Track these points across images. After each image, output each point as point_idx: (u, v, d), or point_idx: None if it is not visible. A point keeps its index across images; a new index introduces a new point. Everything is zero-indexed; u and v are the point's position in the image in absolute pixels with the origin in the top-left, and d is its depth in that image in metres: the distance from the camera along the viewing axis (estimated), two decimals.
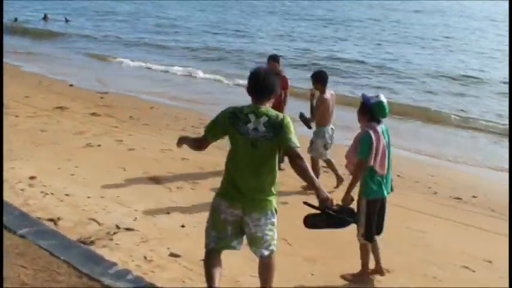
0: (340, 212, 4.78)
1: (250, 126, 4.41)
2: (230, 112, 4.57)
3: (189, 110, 14.79)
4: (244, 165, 4.49)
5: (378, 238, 6.06)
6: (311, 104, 8.93)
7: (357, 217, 5.30)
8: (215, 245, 4.71)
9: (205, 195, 8.48)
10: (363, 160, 5.65)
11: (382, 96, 5.80)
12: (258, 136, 4.39)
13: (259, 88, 4.50)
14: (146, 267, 5.95)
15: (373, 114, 5.73)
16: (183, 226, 7.18)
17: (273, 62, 9.67)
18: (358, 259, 6.05)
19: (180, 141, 4.99)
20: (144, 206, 7.77)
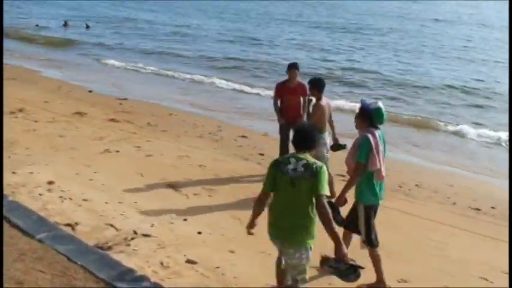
0: (349, 267, 5.15)
1: (290, 167, 4.85)
2: (274, 161, 5.10)
3: (207, 117, 14.81)
4: (284, 203, 4.90)
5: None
6: (307, 110, 9.09)
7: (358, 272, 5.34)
8: None
9: (222, 202, 8.52)
10: (362, 163, 5.77)
11: (380, 103, 5.96)
12: (297, 175, 4.80)
13: (302, 142, 5.02)
14: (163, 273, 5.96)
15: (372, 120, 5.88)
16: (200, 233, 7.18)
17: (294, 70, 9.75)
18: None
19: (252, 225, 5.34)
20: (161, 212, 7.79)
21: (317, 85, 8.89)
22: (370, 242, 5.97)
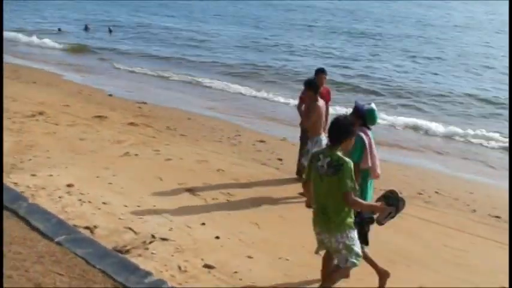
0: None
1: (319, 163, 5.22)
2: (311, 155, 5.51)
3: (226, 122, 14.82)
4: (316, 195, 5.34)
5: None
6: (299, 110, 9.21)
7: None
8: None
9: (240, 207, 8.51)
10: (357, 163, 5.91)
11: (373, 104, 6.28)
12: (323, 172, 5.18)
13: (333, 134, 5.26)
14: (180, 277, 5.97)
15: (365, 120, 6.15)
16: (218, 237, 7.17)
17: (322, 75, 9.90)
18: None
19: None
20: (180, 216, 7.81)
21: (313, 86, 8.96)
22: (363, 240, 5.97)
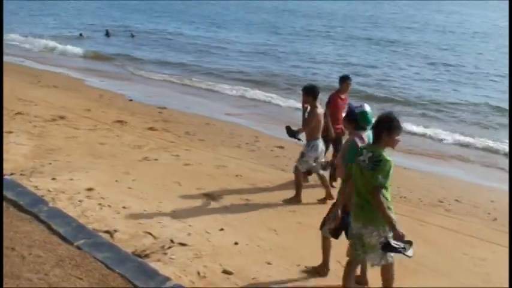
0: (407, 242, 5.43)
1: (361, 158, 5.43)
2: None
3: (244, 127, 14.84)
4: (357, 188, 5.54)
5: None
6: (303, 116, 9.06)
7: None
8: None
9: (258, 212, 8.51)
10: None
11: (366, 105, 6.24)
12: (364, 165, 5.37)
13: (374, 130, 5.45)
14: (199, 283, 5.99)
15: (357, 122, 6.15)
16: (236, 243, 7.17)
17: (347, 82, 9.97)
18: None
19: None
20: (198, 222, 7.83)
21: (311, 92, 8.95)
22: (335, 234, 6.32)
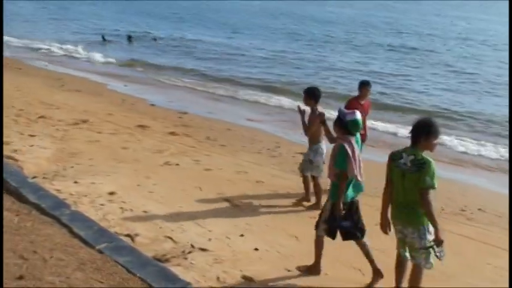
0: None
1: (401, 161, 5.60)
2: (390, 155, 5.82)
3: (265, 133, 14.82)
4: (397, 191, 5.70)
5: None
6: (302, 121, 9.01)
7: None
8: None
9: (279, 219, 8.50)
10: (344, 171, 6.23)
11: (357, 113, 6.39)
12: (406, 168, 5.54)
13: (412, 133, 5.63)
14: None
15: (348, 129, 6.34)
16: (257, 249, 7.17)
17: (367, 87, 9.91)
18: None
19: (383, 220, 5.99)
20: (219, 227, 7.83)
21: (313, 95, 8.91)
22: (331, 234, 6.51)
